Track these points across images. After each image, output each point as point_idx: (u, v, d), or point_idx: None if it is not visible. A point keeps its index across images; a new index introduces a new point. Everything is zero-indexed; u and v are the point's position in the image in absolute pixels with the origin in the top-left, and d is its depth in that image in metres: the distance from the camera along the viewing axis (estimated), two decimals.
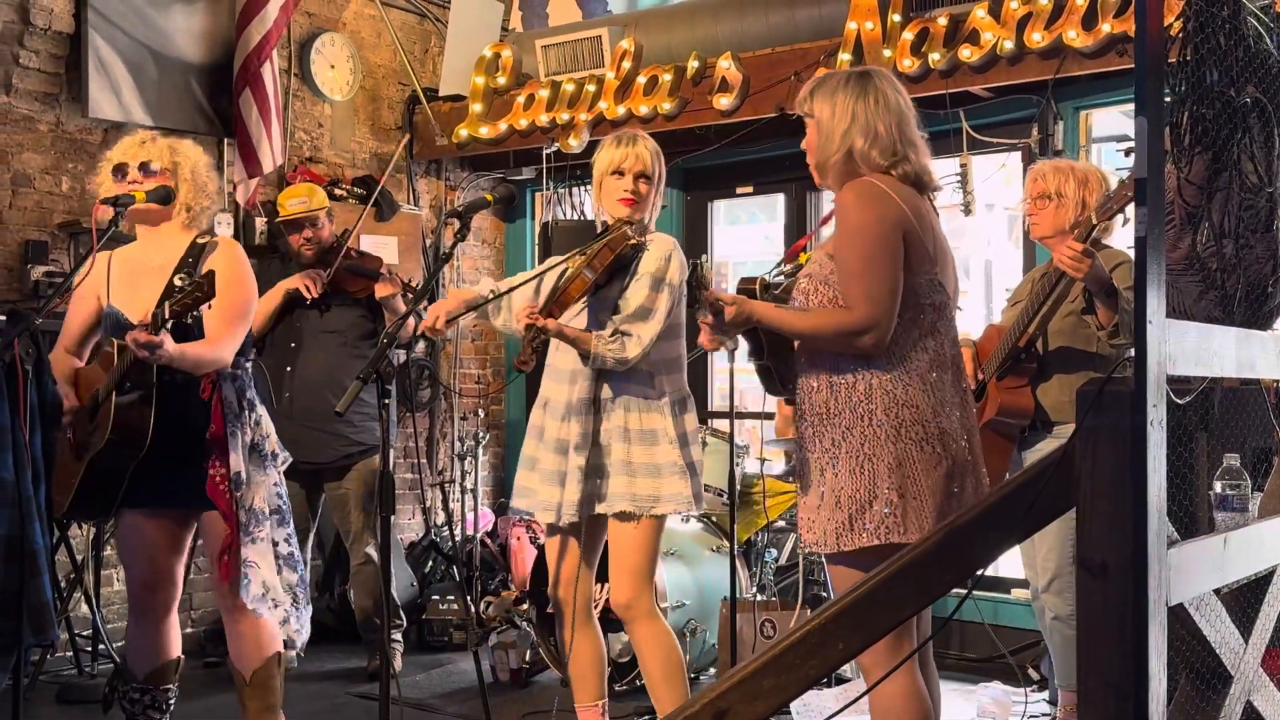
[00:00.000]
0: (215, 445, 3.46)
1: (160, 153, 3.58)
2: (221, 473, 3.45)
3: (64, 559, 5.10)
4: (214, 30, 5.97)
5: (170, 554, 3.62)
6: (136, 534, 3.58)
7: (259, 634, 3.55)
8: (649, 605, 3.59)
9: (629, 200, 3.61)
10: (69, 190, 5.55)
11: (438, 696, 4.94)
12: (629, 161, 3.62)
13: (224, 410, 3.48)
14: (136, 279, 3.57)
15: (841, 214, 2.82)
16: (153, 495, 3.52)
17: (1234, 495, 2.59)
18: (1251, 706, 2.68)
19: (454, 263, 7.15)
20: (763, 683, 2.17)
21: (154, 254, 3.60)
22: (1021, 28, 4.98)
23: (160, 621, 3.62)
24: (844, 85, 2.90)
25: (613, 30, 6.26)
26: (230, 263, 3.53)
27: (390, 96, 6.93)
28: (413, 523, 6.87)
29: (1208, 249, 2.81)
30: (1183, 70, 2.74)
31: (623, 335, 3.52)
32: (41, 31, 5.41)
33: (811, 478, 2.88)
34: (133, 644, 3.64)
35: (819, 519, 2.85)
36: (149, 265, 3.58)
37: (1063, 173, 3.89)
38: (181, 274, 3.47)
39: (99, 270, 3.60)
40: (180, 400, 3.46)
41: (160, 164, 3.56)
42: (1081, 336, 3.81)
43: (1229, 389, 2.90)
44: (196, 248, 3.57)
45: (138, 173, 3.55)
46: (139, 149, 3.58)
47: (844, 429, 2.82)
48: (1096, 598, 2.08)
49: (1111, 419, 2.08)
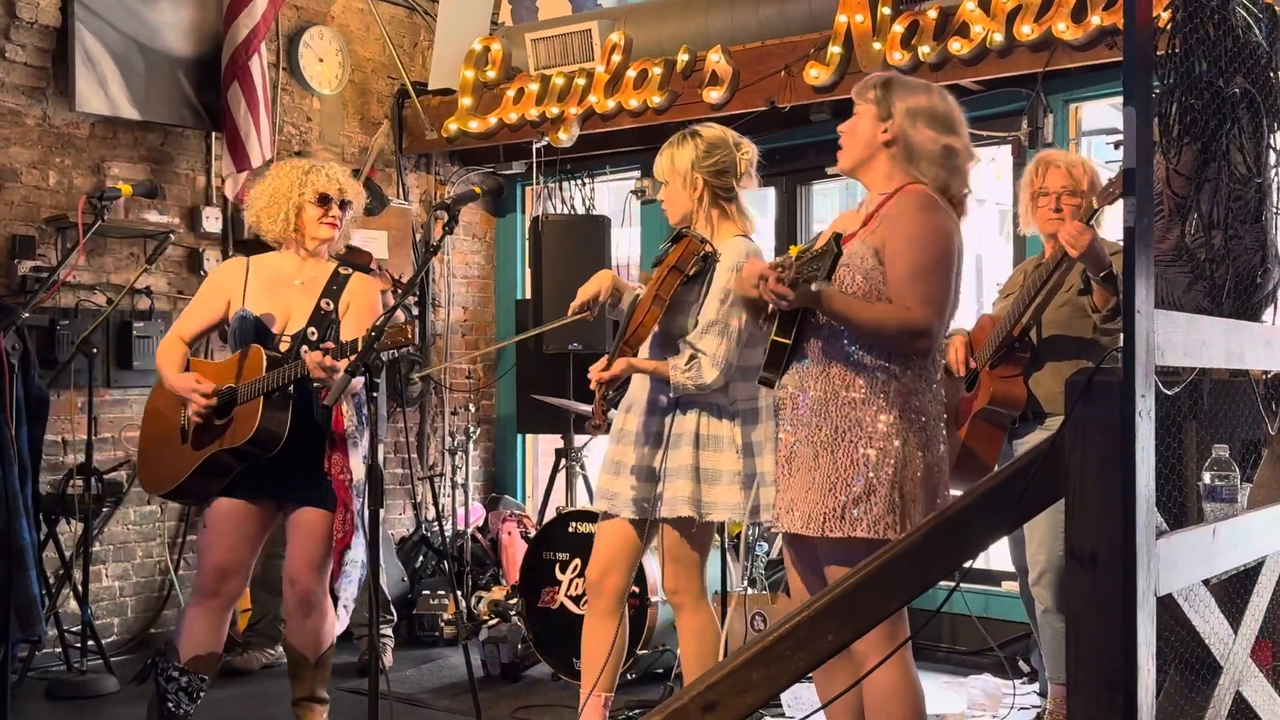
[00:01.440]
0: (335, 445, 3.62)
1: (354, 193, 3.84)
2: (348, 475, 3.63)
3: (53, 555, 5.08)
4: (202, 24, 5.94)
5: (252, 547, 3.74)
6: (230, 521, 3.68)
7: (327, 627, 3.77)
8: (696, 594, 3.62)
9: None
10: (56, 185, 5.52)
11: (428, 691, 4.93)
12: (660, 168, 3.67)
13: (345, 423, 3.64)
14: (274, 290, 3.73)
15: (904, 216, 2.84)
16: (253, 487, 3.66)
17: (1223, 486, 2.59)
18: (1240, 697, 2.68)
19: (443, 256, 7.13)
20: (751, 675, 2.16)
21: (296, 271, 3.77)
22: (1011, 20, 4.98)
23: (222, 611, 3.72)
24: (927, 93, 2.97)
25: (602, 24, 6.25)
26: (366, 295, 3.78)
27: (379, 90, 6.91)
28: (403, 518, 6.86)
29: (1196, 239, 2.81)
30: (1171, 61, 2.74)
31: (697, 358, 3.46)
32: (28, 25, 5.38)
33: (801, 460, 2.88)
34: (188, 627, 3.69)
35: (804, 501, 2.85)
36: (291, 281, 3.75)
37: (1086, 171, 3.84)
38: (326, 299, 3.72)
39: (236, 274, 3.78)
40: (304, 404, 3.61)
41: (354, 204, 3.85)
42: (1076, 326, 3.80)
43: (1218, 380, 2.91)
44: (340, 278, 3.78)
45: (338, 207, 3.78)
46: (344, 183, 3.80)
47: (852, 420, 2.82)
48: (1086, 588, 2.08)
49: (1100, 409, 2.08)
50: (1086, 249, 3.44)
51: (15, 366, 3.18)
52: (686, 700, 2.17)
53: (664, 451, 3.53)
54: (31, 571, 3.24)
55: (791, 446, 2.93)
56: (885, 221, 2.87)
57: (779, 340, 2.87)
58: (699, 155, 3.60)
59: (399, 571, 5.98)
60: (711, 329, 3.48)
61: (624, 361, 3.45)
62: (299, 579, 3.69)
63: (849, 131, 2.99)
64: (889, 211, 2.89)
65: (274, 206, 3.74)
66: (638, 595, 4.76)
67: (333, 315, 3.72)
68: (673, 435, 3.55)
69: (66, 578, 5.05)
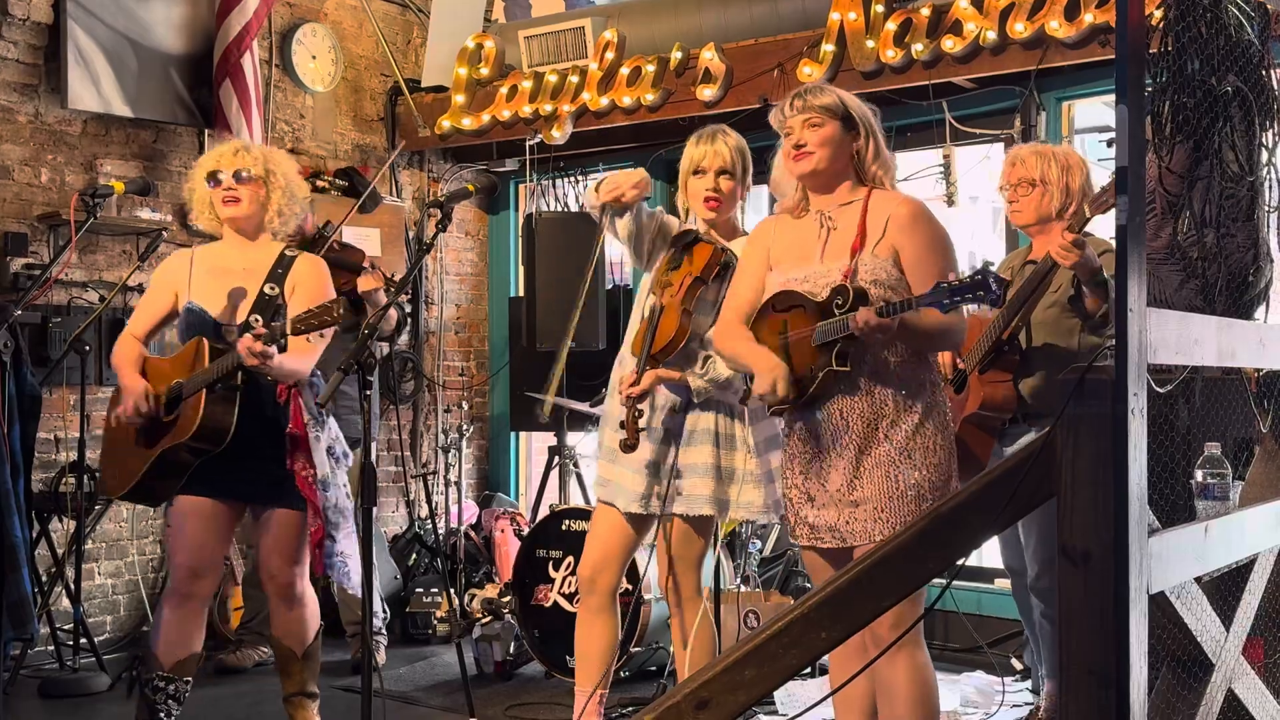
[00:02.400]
0: (297, 445, 3.58)
1: (255, 161, 3.68)
2: (311, 473, 3.59)
3: (45, 553, 5.07)
4: (194, 21, 5.93)
5: (221, 544, 3.71)
6: (194, 521, 3.64)
7: (309, 617, 3.78)
8: (693, 591, 3.65)
9: (713, 201, 3.57)
10: (48, 182, 5.51)
11: (421, 689, 4.93)
12: (708, 159, 3.57)
13: (304, 415, 3.60)
14: (221, 279, 3.67)
15: (913, 224, 3.00)
16: (215, 485, 3.61)
17: (1215, 484, 2.59)
18: (1232, 694, 2.69)
19: (437, 254, 7.12)
20: (744, 673, 2.16)
21: (239, 258, 3.71)
22: (1004, 18, 4.98)
23: (198, 611, 3.69)
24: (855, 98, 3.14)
25: (596, 21, 6.24)
26: (314, 276, 3.70)
27: (372, 87, 6.90)
28: (396, 515, 6.86)
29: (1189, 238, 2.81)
30: (1164, 59, 2.74)
31: (712, 357, 3.46)
32: (20, 22, 5.37)
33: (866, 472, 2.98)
34: (164, 633, 3.65)
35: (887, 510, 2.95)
36: (234, 268, 3.68)
37: (1044, 158, 3.80)
38: (270, 284, 3.64)
39: (180, 266, 3.74)
40: (259, 401, 3.57)
41: (254, 171, 3.67)
42: (1065, 327, 3.78)
43: (1210, 378, 2.91)
44: (286, 260, 3.71)
45: (232, 180, 3.65)
46: (233, 157, 3.67)
47: (916, 423, 2.97)
48: (1078, 586, 2.09)
49: (1093, 407, 2.08)
50: (1080, 261, 3.44)
51: (8, 364, 3.19)
52: (679, 698, 2.17)
53: (677, 448, 3.53)
54: (24, 569, 3.24)
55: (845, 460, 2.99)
56: (894, 231, 2.99)
57: (839, 369, 2.95)
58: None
59: (392, 569, 5.97)
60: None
61: (652, 375, 3.44)
62: (276, 572, 3.68)
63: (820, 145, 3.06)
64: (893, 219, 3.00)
65: (192, 198, 3.75)
66: (630, 593, 4.76)
67: (278, 299, 3.64)
68: (689, 432, 3.54)
69: (59, 576, 5.04)
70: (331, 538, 3.62)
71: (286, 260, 3.71)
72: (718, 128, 3.67)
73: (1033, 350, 3.79)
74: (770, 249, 3.19)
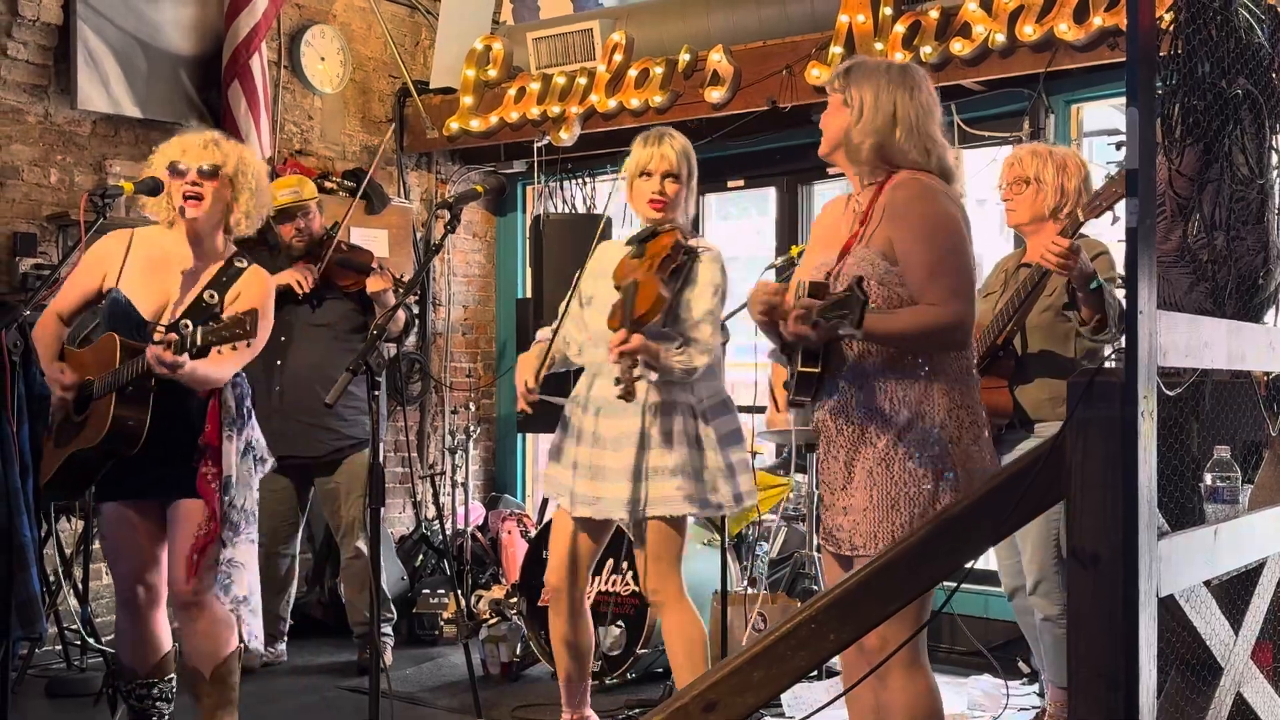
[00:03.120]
0: (209, 439, 3.45)
1: (225, 159, 3.49)
2: (214, 471, 3.42)
3: (52, 552, 5.08)
4: (203, 22, 5.94)
5: (158, 544, 3.57)
6: (124, 526, 3.54)
7: (217, 630, 3.49)
8: (677, 591, 3.67)
9: (658, 203, 3.61)
10: (57, 182, 5.52)
11: (428, 690, 4.93)
12: (655, 162, 3.61)
13: (222, 414, 3.46)
14: (156, 272, 3.49)
15: (905, 210, 2.77)
16: (139, 487, 3.49)
17: (1224, 487, 2.59)
18: (1241, 698, 2.68)
19: (444, 255, 7.12)
20: (753, 675, 2.16)
21: (182, 254, 3.52)
22: (1013, 21, 4.98)
23: (152, 613, 3.58)
24: (887, 74, 2.86)
25: (604, 23, 6.24)
26: (258, 290, 3.51)
27: (380, 89, 6.91)
28: (403, 516, 6.86)
29: (1198, 241, 2.80)
30: (1174, 62, 2.74)
31: (689, 344, 3.54)
32: (30, 23, 5.38)
33: (856, 479, 2.83)
34: (128, 640, 3.58)
35: (864, 521, 2.80)
36: (174, 263, 3.51)
37: (1040, 157, 3.77)
38: (211, 290, 3.44)
39: (115, 248, 3.54)
40: (176, 398, 3.42)
41: (225, 170, 3.48)
42: (1059, 333, 3.75)
43: (1219, 382, 2.91)
44: (233, 270, 3.51)
45: (197, 175, 3.46)
46: (203, 150, 3.48)
47: (899, 430, 2.77)
48: (1087, 589, 2.08)
49: (1102, 410, 2.08)
50: (1074, 268, 3.37)
51: (17, 364, 3.18)
52: (688, 700, 2.17)
53: (644, 451, 3.58)
54: (32, 569, 3.24)
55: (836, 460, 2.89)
56: (887, 219, 2.80)
57: (806, 371, 2.79)
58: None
59: (399, 570, 5.97)
60: (708, 318, 3.56)
61: (639, 338, 3.41)
62: (176, 578, 3.46)
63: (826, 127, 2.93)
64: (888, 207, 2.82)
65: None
66: (639, 595, 4.76)
67: (215, 308, 3.44)
68: (660, 434, 3.58)
69: (66, 575, 5.04)
70: (223, 542, 3.43)
71: (234, 270, 3.52)
72: (664, 130, 3.69)
73: (1028, 356, 3.76)
74: (818, 231, 3.08)
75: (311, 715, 4.60)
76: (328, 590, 5.88)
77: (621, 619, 4.79)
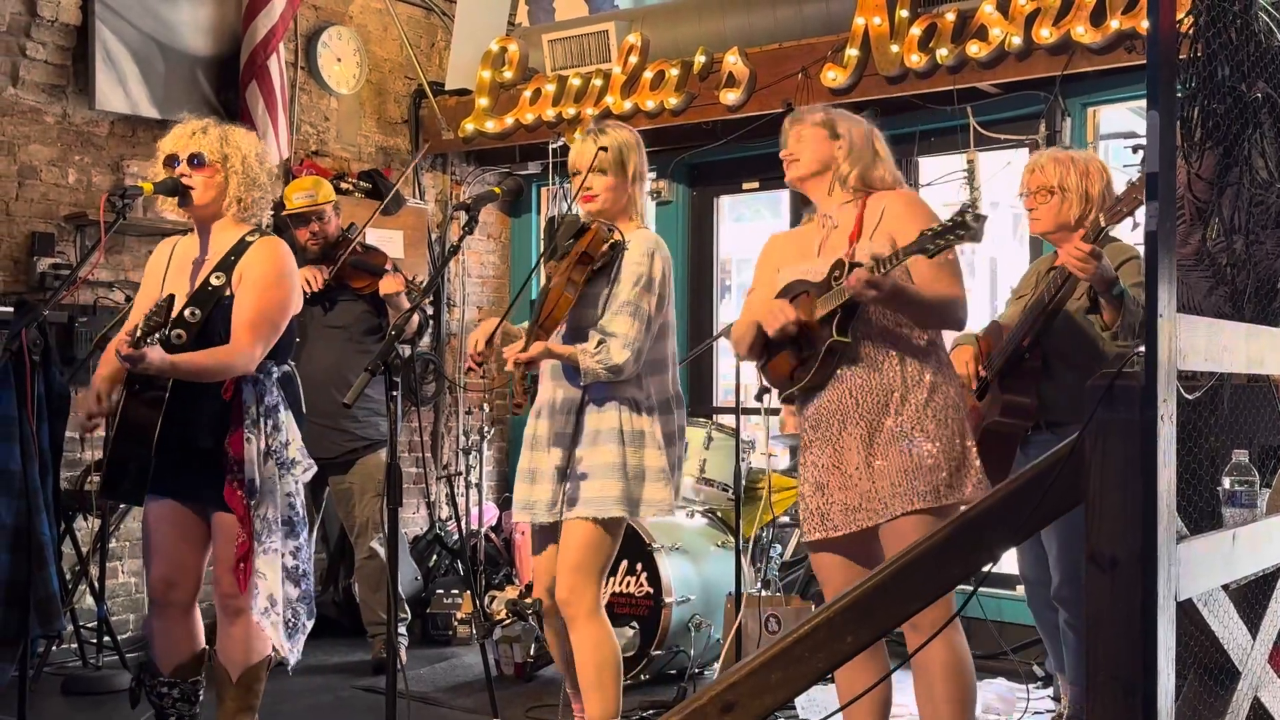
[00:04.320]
0: (232, 443, 3.40)
1: (211, 144, 3.46)
2: (239, 479, 3.38)
3: (69, 550, 5.10)
4: (221, 23, 5.97)
5: (191, 548, 3.52)
6: (158, 528, 3.49)
7: (252, 637, 3.49)
8: (591, 605, 3.46)
9: (585, 198, 3.54)
10: (75, 182, 5.55)
11: (443, 690, 4.94)
12: (578, 159, 3.56)
13: (242, 416, 3.40)
14: (182, 270, 3.50)
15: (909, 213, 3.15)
16: (175, 488, 3.45)
17: (1242, 491, 2.58)
18: (1258, 703, 2.68)
19: (460, 257, 7.14)
20: (771, 676, 2.17)
21: (202, 247, 3.54)
22: (1030, 23, 4.97)
23: (182, 616, 3.54)
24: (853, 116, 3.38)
25: (619, 25, 6.25)
26: (263, 262, 3.42)
27: (396, 90, 6.93)
28: (417, 517, 6.88)
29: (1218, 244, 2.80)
30: (1194, 65, 2.73)
31: (606, 340, 3.40)
32: (49, 23, 5.41)
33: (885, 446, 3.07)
34: (156, 639, 3.55)
35: (905, 483, 3.03)
36: (191, 258, 3.52)
37: (1063, 164, 3.76)
38: (218, 273, 3.40)
39: (162, 255, 3.58)
40: (201, 399, 3.38)
41: (211, 156, 3.45)
42: (1087, 336, 3.76)
43: (1237, 386, 2.90)
44: (243, 245, 3.46)
45: (187, 165, 3.44)
46: (190, 140, 3.46)
47: (926, 396, 3.08)
48: (1105, 592, 2.08)
49: (1122, 413, 2.07)
50: (1095, 273, 3.37)
51: (37, 362, 3.20)
52: (705, 701, 2.17)
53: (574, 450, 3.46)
54: (51, 567, 3.26)
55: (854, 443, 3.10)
56: (888, 221, 3.14)
57: (840, 340, 3.08)
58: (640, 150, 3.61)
59: (413, 570, 5.99)
60: (623, 310, 3.42)
61: (540, 344, 3.36)
62: (220, 579, 3.45)
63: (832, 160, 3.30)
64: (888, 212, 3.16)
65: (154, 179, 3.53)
66: (652, 596, 4.77)
67: (220, 291, 3.40)
68: (592, 432, 3.46)
69: (83, 574, 5.07)
70: (253, 552, 3.40)
71: (243, 246, 3.46)
72: (602, 125, 3.60)
73: (1053, 356, 3.77)
74: (777, 258, 3.38)
75: (325, 715, 4.61)
76: (342, 590, 5.90)
77: (635, 620, 4.79)
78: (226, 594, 3.45)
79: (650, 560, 4.79)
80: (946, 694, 3.00)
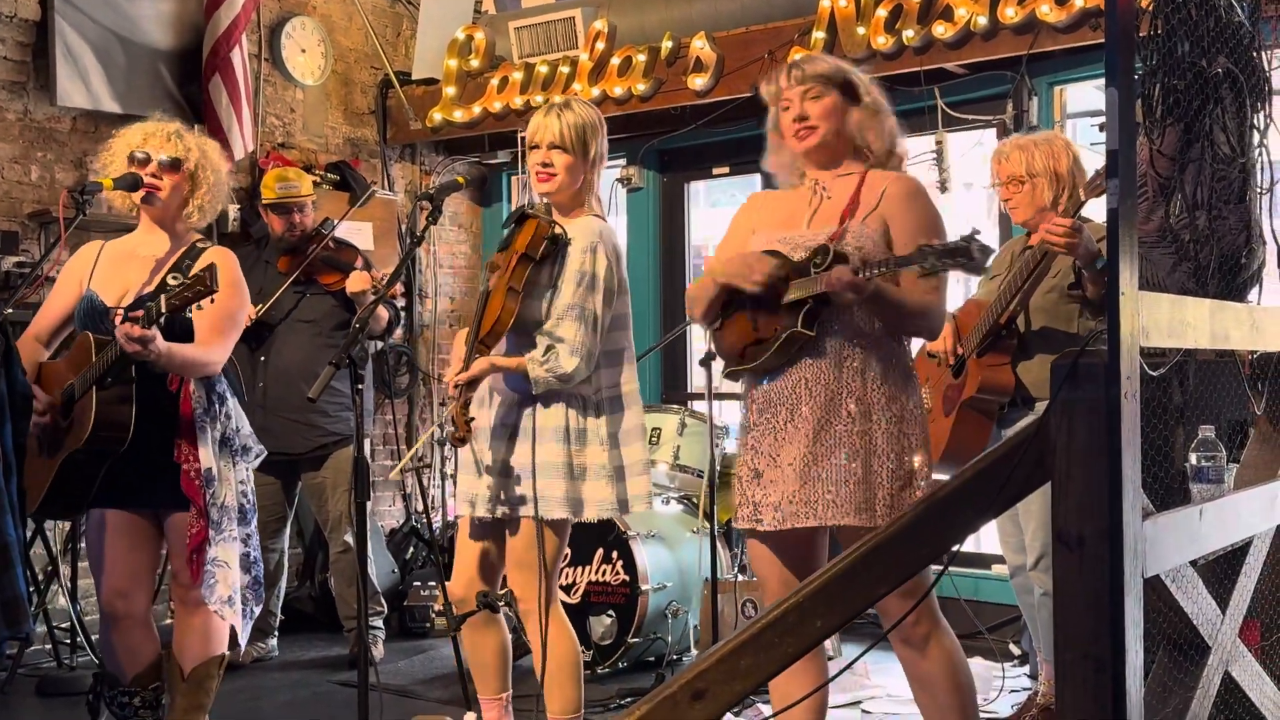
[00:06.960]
0: (184, 433, 3.36)
1: (186, 151, 3.47)
2: (195, 467, 3.35)
3: (40, 551, 5.06)
4: (182, 15, 5.91)
5: (143, 556, 3.50)
6: (105, 535, 3.46)
7: (209, 632, 3.47)
8: (543, 600, 3.38)
9: (541, 176, 3.36)
10: (38, 179, 5.49)
11: (419, 682, 4.93)
12: (540, 133, 3.36)
13: (193, 405, 3.38)
14: (121, 265, 3.48)
15: (908, 203, 2.95)
16: (124, 495, 3.42)
17: (1209, 467, 2.59)
18: (1229, 677, 2.69)
19: (429, 247, 7.11)
20: (740, 662, 2.16)
21: (146, 245, 3.51)
22: (995, 3, 4.97)
23: (132, 624, 3.50)
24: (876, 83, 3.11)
25: (586, 11, 6.22)
26: (225, 270, 3.38)
27: (363, 81, 6.88)
28: (393, 509, 6.85)
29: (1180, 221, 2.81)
30: (1154, 42, 2.73)
31: (555, 347, 3.26)
32: (7, 19, 5.35)
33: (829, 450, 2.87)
34: (117, 652, 3.50)
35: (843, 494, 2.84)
36: (137, 254, 3.50)
37: (1026, 150, 3.78)
38: (175, 274, 3.38)
39: (87, 257, 3.55)
40: (152, 395, 3.34)
41: (187, 164, 3.46)
42: (1063, 313, 3.78)
43: (1204, 361, 2.91)
44: (195, 250, 3.48)
45: (158, 167, 3.43)
46: (165, 142, 3.45)
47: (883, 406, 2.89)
48: (1072, 570, 2.08)
49: (1086, 392, 2.08)
50: (1080, 249, 3.37)
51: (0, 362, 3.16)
52: (675, 688, 2.16)
53: (531, 446, 3.30)
54: (17, 568, 3.21)
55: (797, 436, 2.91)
56: (886, 206, 2.93)
57: (803, 333, 2.86)
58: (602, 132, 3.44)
59: (389, 563, 5.97)
60: (569, 314, 3.27)
61: (484, 361, 3.23)
62: (178, 573, 3.42)
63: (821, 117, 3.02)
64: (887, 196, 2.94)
65: (106, 172, 3.50)
66: (629, 584, 4.76)
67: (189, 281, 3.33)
68: (537, 428, 3.31)
69: (55, 574, 5.03)
70: (209, 541, 3.37)
71: (196, 251, 3.49)
72: (565, 101, 3.44)
73: (1031, 334, 3.80)
74: (756, 218, 3.13)
75: (302, 709, 4.59)
76: (318, 584, 5.88)
77: (612, 608, 4.79)
78: (186, 586, 3.42)
79: (626, 548, 4.78)
80: (951, 704, 2.92)
